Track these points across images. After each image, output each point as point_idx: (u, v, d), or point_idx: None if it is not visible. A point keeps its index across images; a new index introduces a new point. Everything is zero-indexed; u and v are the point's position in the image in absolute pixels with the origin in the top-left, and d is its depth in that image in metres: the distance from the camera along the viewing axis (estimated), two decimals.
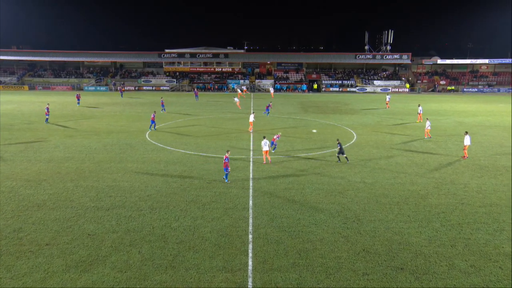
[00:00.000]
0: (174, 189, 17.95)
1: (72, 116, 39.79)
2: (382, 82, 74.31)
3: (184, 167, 21.46)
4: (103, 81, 75.73)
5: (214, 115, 41.40)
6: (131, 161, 22.80)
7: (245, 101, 56.38)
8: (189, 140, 28.60)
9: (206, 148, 25.87)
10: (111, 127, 33.97)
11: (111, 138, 29.25)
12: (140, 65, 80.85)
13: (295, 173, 20.43)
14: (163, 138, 29.06)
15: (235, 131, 32.31)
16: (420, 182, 19.13)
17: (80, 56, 77.27)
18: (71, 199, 16.65)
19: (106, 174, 20.24)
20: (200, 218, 14.88)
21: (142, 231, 13.71)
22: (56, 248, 12.44)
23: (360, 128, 34.01)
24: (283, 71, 79.48)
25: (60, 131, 31.86)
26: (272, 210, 15.58)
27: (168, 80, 75.92)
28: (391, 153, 25.04)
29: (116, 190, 17.76)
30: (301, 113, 43.56)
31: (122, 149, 25.75)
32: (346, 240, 13.21)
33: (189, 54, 75.51)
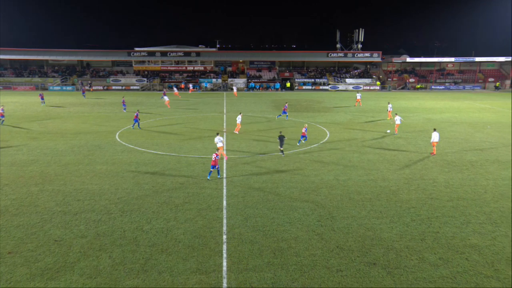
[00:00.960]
0: (146, 191, 17.65)
1: (36, 117, 38.33)
2: (354, 80, 75.87)
3: (156, 168, 21.13)
4: (69, 81, 73.38)
5: (186, 114, 40.96)
6: (100, 163, 22.22)
7: (219, 100, 56.16)
8: (160, 140, 28.16)
9: (178, 149, 25.56)
10: (78, 128, 32.97)
11: (79, 139, 28.39)
12: (109, 64, 78.87)
13: (269, 172, 20.53)
14: (133, 139, 28.48)
15: (208, 131, 32.10)
16: (391, 179, 19.67)
17: (43, 55, 74.42)
18: (35, 204, 16.04)
19: (74, 177, 19.64)
20: (173, 219, 14.70)
21: (113, 235, 13.40)
22: (19, 256, 11.96)
23: (333, 126, 34.58)
24: (256, 70, 79.69)
25: (23, 133, 30.62)
26: (246, 210, 15.60)
27: (138, 79, 74.51)
28: (363, 150, 25.61)
29: (85, 194, 17.26)
30: (274, 111, 43.78)
31: (91, 150, 25.05)
32: (320, 237, 13.41)
33: (160, 53, 74.40)
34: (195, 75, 77.20)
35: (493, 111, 43.93)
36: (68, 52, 74.93)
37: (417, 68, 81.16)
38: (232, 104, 51.27)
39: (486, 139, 29.07)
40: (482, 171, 21.02)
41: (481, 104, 50.66)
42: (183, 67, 77.39)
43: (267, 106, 49.16)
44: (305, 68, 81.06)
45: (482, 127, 34.00)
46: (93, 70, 77.78)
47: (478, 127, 34.04)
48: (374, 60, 76.38)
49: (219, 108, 46.63)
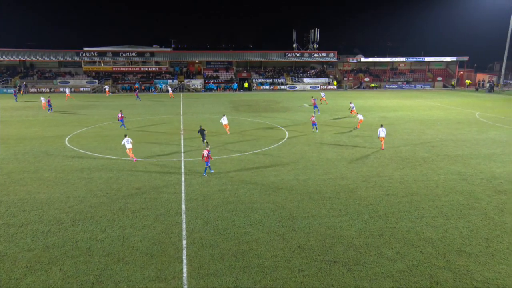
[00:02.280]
0: (100, 198, 17.00)
1: None
2: (311, 80, 77.62)
3: (110, 174, 20.41)
4: (11, 82, 69.03)
5: (141, 117, 39.95)
6: (48, 170, 21.13)
7: (175, 101, 55.26)
8: (115, 144, 27.24)
9: (134, 152, 24.83)
10: (22, 133, 31.13)
11: (23, 145, 26.81)
12: (55, 64, 75.10)
13: (228, 174, 20.50)
14: (85, 144, 27.34)
15: (164, 134, 31.50)
16: (349, 177, 20.33)
17: None
18: None
19: (18, 186, 18.51)
20: (130, 227, 14.27)
21: (64, 246, 12.78)
22: None
23: (292, 126, 35.17)
24: (213, 70, 79.33)
25: None
26: (206, 214, 15.48)
27: (89, 80, 71.64)
28: (321, 149, 26.26)
29: (31, 204, 16.33)
30: (232, 112, 43.80)
31: (37, 157, 23.74)
32: (281, 238, 13.59)
33: (112, 53, 71.96)
34: (149, 76, 75.46)
35: (442, 109, 46.72)
36: (8, 51, 70.41)
37: (371, 68, 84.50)
38: (188, 105, 50.67)
39: (437, 135, 30.85)
40: (433, 166, 22.28)
41: (431, 102, 53.68)
42: (137, 67, 75.41)
43: (225, 107, 49.07)
44: (262, 68, 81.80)
45: (432, 124, 36.03)
46: (38, 71, 73.70)
47: (429, 124, 36.04)
48: (330, 60, 78.60)
49: (176, 110, 45.92)
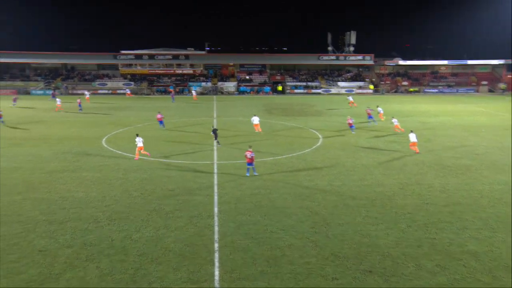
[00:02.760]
0: (135, 198, 17.50)
1: (19, 123, 37.82)
2: (346, 83, 76.51)
3: (145, 175, 20.97)
4: (53, 84, 72.59)
5: (176, 119, 40.83)
6: (87, 169, 21.99)
7: (209, 104, 56.14)
8: (149, 145, 27.97)
9: (168, 154, 25.43)
10: (63, 133, 32.62)
11: (63, 145, 28.08)
12: (94, 67, 78.35)
13: (262, 178, 20.53)
14: (121, 144, 28.27)
15: (198, 136, 32.02)
16: (386, 183, 19.82)
17: (25, 57, 73.43)
18: (18, 213, 15.79)
19: (59, 184, 19.39)
20: (163, 228, 14.59)
21: (100, 245, 13.24)
22: (1, 268, 11.72)
23: (326, 130, 34.78)
24: (247, 73, 79.91)
25: (6, 139, 30.16)
26: (238, 217, 15.56)
27: (126, 83, 74.07)
28: (357, 154, 25.78)
29: (71, 202, 17.04)
30: (265, 115, 43.90)
31: (76, 157, 24.79)
32: (314, 245, 13.43)
33: (148, 56, 74.22)
34: (184, 78, 77.07)
35: (487, 115, 44.67)
36: (51, 55, 74.14)
37: (410, 71, 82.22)
38: (222, 108, 51.29)
39: (481, 142, 29.51)
40: (477, 175, 21.31)
41: (475, 107, 51.48)
42: (172, 70, 77.22)
43: (258, 109, 49.25)
44: (296, 71, 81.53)
45: (476, 130, 34.52)
46: (78, 73, 77.13)
47: (472, 130, 34.55)
48: (366, 63, 77.23)
49: (209, 113, 46.59)
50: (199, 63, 77.82)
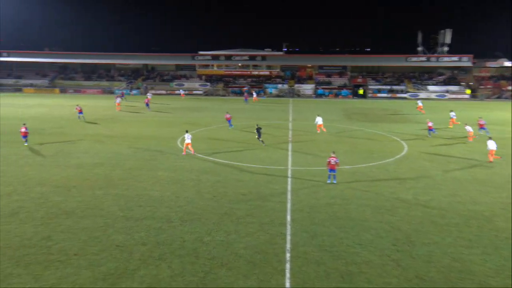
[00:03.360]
0: (207, 201, 18.19)
1: (102, 121, 41.50)
2: (437, 88, 71.94)
3: (218, 177, 21.72)
4: (134, 84, 78.59)
5: (250, 122, 41.70)
6: (162, 169, 23.39)
7: (284, 107, 56.50)
8: (223, 148, 28.97)
9: (241, 157, 26.07)
10: (141, 132, 35.09)
11: (141, 144, 30.20)
12: (173, 67, 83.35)
13: (339, 187, 20.10)
14: (195, 145, 29.55)
15: (272, 140, 32.36)
16: (483, 202, 18.20)
17: (111, 58, 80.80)
18: (100, 207, 17.30)
19: (136, 182, 20.88)
20: (234, 232, 14.95)
21: (173, 245, 13.97)
22: (84, 259, 12.93)
23: (412, 138, 33.02)
24: (325, 75, 79.03)
25: (90, 136, 33.31)
26: (312, 227, 15.39)
27: (202, 83, 77.61)
28: (448, 167, 24.07)
29: (146, 200, 18.25)
30: (344, 120, 42.97)
31: (153, 156, 26.50)
32: (396, 264, 12.77)
33: (224, 57, 76.98)
34: (260, 80, 78.55)
35: None
36: (134, 56, 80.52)
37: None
38: (298, 111, 51.28)
39: None
40: None
41: None
42: (248, 71, 79.15)
43: (337, 114, 48.40)
44: (380, 73, 78.63)
45: None
46: (157, 73, 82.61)
47: None
48: (463, 64, 71.85)
49: (284, 116, 46.86)
50: (276, 64, 78.77)
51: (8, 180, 20.89)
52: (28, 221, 15.79)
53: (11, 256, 13.05)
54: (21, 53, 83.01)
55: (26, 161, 24.82)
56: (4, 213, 16.53)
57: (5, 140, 31.29)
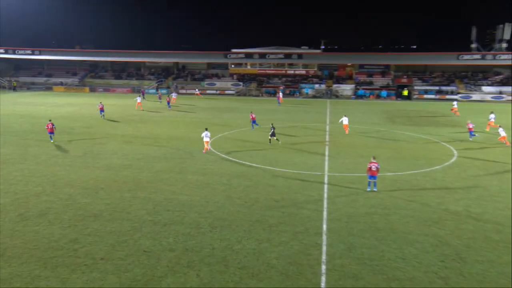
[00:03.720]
0: (237, 207, 18.27)
1: (131, 121, 42.65)
2: (493, 88, 69.13)
3: (249, 182, 21.79)
4: (164, 83, 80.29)
5: (283, 124, 41.65)
6: (191, 172, 23.73)
7: (321, 109, 56.08)
8: (255, 151, 29.06)
9: (274, 161, 26.05)
10: (170, 133, 35.78)
11: (171, 145, 30.77)
12: (204, 66, 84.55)
13: (379, 195, 19.68)
14: (226, 148, 29.87)
15: (308, 142, 32.16)
16: None
17: (141, 56, 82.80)
18: (127, 211, 17.74)
19: (165, 185, 21.27)
20: (266, 241, 14.92)
21: (201, 252, 14.11)
22: (110, 264, 13.28)
23: (462, 144, 31.89)
24: (366, 75, 77.74)
25: (119, 136, 34.29)
26: (350, 238, 15.13)
27: (234, 83, 78.23)
28: (504, 176, 23.06)
29: (175, 204, 18.55)
30: (386, 123, 42.10)
31: (182, 158, 26.93)
32: (444, 282, 12.32)
33: (258, 55, 77.10)
34: (295, 79, 78.32)
35: None
36: (164, 53, 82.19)
37: None
38: (336, 113, 50.73)
39: None
40: None
41: None
42: (283, 70, 79.08)
43: (378, 117, 47.52)
44: (427, 73, 76.49)
45: None
46: (188, 72, 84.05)
47: None
48: None
49: (321, 118, 46.49)
50: (313, 63, 78.26)
51: (37, 180, 21.84)
52: (56, 222, 16.41)
53: (39, 257, 13.60)
54: (53, 51, 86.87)
55: (56, 161, 25.86)
56: (33, 214, 17.27)
57: (35, 139, 32.76)
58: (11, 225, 16.08)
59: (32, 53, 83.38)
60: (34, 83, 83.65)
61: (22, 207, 17.99)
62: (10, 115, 45.73)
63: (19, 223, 16.29)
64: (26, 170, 23.78)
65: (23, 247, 14.28)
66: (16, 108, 52.09)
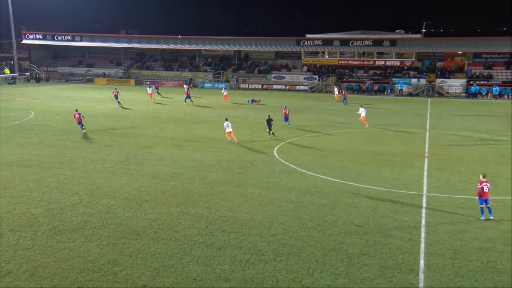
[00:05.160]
0: (309, 230, 18.17)
1: (183, 121, 44.09)
2: None
3: (324, 200, 21.61)
4: (223, 76, 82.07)
5: (370, 128, 40.92)
6: (253, 185, 24.01)
7: (420, 110, 54.43)
8: (332, 161, 28.80)
9: (355, 176, 25.65)
10: (225, 137, 36.44)
11: (229, 151, 31.39)
12: (271, 55, 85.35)
13: (499, 226, 18.65)
14: (296, 157, 29.89)
15: (400, 153, 31.31)
16: None
17: (196, 43, 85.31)
18: (175, 229, 18.30)
19: (220, 200, 21.70)
20: (344, 276, 14.70)
21: (263, 284, 14.19)
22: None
23: None
24: (484, 66, 74.13)
25: (167, 139, 35.58)
26: (457, 280, 14.47)
27: (308, 76, 78.19)
28: None
29: (232, 223, 18.84)
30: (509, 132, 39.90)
31: (242, 167, 27.35)
32: None
33: (339, 41, 76.50)
34: (386, 72, 76.72)
35: None
36: (224, 40, 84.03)
37: None
38: (439, 116, 49.00)
39: None
40: None
41: None
42: (370, 61, 77.71)
43: (498, 122, 45.15)
44: None
45: None
46: (252, 63, 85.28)
47: None
48: None
49: (419, 122, 45.09)
50: (410, 51, 75.95)
51: (74, 189, 23.24)
52: (93, 239, 17.32)
53: (73, 280, 14.41)
54: (95, 36, 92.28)
55: (95, 167, 27.37)
56: (68, 228, 18.37)
57: (73, 139, 34.96)
58: (44, 240, 17.21)
59: (72, 39, 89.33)
60: (73, 74, 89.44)
61: (56, 219, 19.21)
62: (46, 111, 49.25)
63: (53, 238, 17.40)
64: (62, 176, 25.41)
65: (55, 267, 15.21)
66: (52, 103, 56.02)
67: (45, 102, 57.09)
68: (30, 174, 25.61)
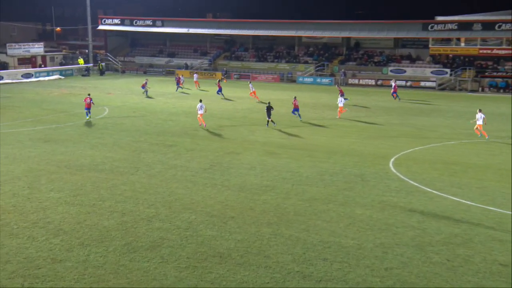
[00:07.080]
0: (435, 266, 17.49)
1: (278, 123, 44.33)
2: None
3: (456, 229, 20.77)
4: (327, 69, 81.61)
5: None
6: (362, 204, 23.64)
7: None
8: (467, 179, 27.73)
9: (499, 199, 24.42)
10: (333, 144, 36.29)
11: (332, 162, 31.17)
12: (389, 43, 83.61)
13: None
14: (418, 172, 29.04)
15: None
16: None
17: (295, 29, 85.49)
18: (266, 253, 18.38)
19: (321, 221, 21.55)
20: None
21: None
22: None
23: None
24: None
25: (259, 144, 36.02)
26: None
27: (436, 70, 75.57)
28: None
29: (335, 251, 18.60)
30: None
31: (349, 182, 27.04)
32: None
33: (481, 24, 72.85)
34: None
35: None
36: (330, 24, 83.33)
37: None
38: None
39: None
40: None
41: None
42: None
43: None
44: None
45: None
46: (364, 53, 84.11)
47: None
48: None
49: None
50: None
51: (150, 199, 24.17)
52: (171, 260, 17.84)
53: None
54: (178, 21, 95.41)
55: (174, 174, 28.30)
56: (142, 245, 19.08)
57: (150, 141, 36.50)
58: (116, 258, 17.99)
59: (152, 24, 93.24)
60: (152, 65, 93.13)
61: (129, 234, 20.05)
62: (121, 108, 51.92)
63: (125, 256, 18.15)
64: (137, 184, 26.56)
65: None
66: (128, 99, 58.90)
67: (120, 97, 60.01)
68: (103, 180, 27.05)
